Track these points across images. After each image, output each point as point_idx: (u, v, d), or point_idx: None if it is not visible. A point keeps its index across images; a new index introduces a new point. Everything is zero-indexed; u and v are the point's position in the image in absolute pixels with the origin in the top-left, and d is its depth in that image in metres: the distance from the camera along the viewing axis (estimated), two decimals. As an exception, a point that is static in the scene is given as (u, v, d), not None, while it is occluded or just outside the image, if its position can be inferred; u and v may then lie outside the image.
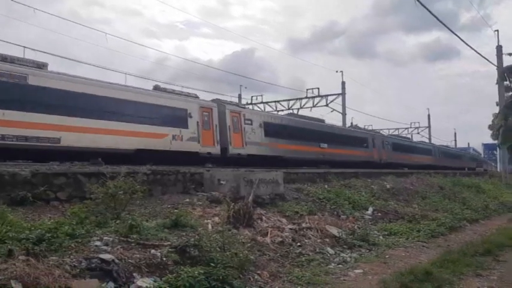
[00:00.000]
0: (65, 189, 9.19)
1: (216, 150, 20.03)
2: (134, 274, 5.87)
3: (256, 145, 22.66)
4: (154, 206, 9.72)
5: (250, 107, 35.78)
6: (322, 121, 32.24)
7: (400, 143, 43.32)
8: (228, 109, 21.53)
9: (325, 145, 28.29)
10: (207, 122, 19.95)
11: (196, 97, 21.07)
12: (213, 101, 22.20)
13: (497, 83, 36.64)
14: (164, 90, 19.81)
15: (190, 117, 19.11)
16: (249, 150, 21.96)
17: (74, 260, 5.64)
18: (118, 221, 7.45)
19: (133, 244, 6.63)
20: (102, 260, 5.73)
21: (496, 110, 41.28)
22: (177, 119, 18.71)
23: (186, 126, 18.87)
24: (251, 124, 22.63)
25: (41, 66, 15.34)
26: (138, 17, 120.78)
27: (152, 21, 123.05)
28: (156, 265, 6.23)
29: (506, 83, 40.31)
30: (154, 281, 5.78)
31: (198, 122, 19.36)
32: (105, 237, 6.68)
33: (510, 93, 44.82)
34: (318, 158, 27.11)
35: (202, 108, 19.95)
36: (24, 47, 18.16)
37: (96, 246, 6.30)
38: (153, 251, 6.57)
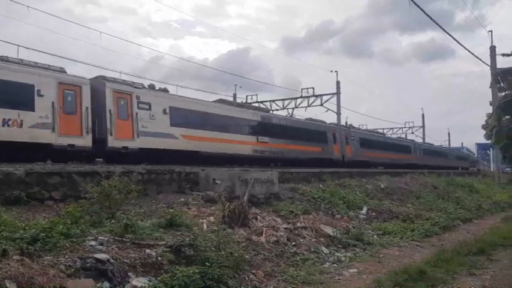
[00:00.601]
0: (59, 188, 9.15)
1: (84, 141, 15.34)
2: (129, 274, 5.87)
3: (155, 136, 17.59)
4: (149, 206, 9.70)
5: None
6: (267, 111, 29.86)
7: (370, 138, 38.37)
8: (109, 87, 16.57)
9: (266, 139, 24.17)
10: (70, 104, 15.27)
11: (61, 71, 15.95)
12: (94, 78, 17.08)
13: (490, 86, 36.88)
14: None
15: (40, 95, 14.48)
16: (142, 143, 17.06)
17: (69, 259, 5.63)
18: (113, 221, 7.45)
19: (128, 244, 6.63)
20: (97, 260, 5.73)
21: (490, 110, 41.54)
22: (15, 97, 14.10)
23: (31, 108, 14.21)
24: (149, 109, 17.65)
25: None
26: (133, 15, 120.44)
27: (147, 20, 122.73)
28: (151, 265, 6.24)
29: (501, 84, 40.65)
30: (149, 281, 5.79)
31: (53, 103, 14.67)
32: (100, 237, 6.68)
33: (503, 94, 45.23)
34: (254, 154, 23.13)
35: (63, 85, 15.15)
36: (18, 45, 17.89)
37: (91, 245, 6.29)
38: (148, 250, 6.57)
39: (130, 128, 16.84)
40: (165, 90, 20.53)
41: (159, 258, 6.40)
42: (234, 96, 41.32)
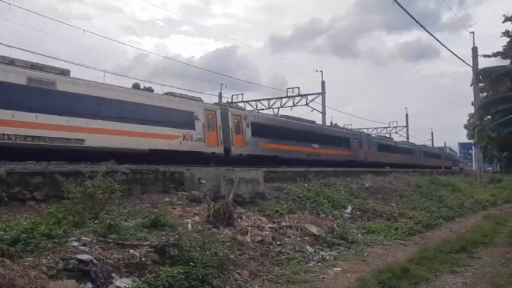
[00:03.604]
0: (41, 188, 9.01)
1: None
2: (113, 274, 5.81)
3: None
4: (134, 206, 9.62)
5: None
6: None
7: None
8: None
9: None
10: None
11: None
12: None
13: (471, 84, 37.51)
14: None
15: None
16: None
17: (51, 260, 5.55)
18: (96, 221, 7.36)
19: (111, 244, 6.56)
20: (80, 261, 5.65)
21: (472, 110, 42.32)
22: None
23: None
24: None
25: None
26: (119, 13, 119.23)
27: (133, 19, 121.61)
28: (135, 265, 6.18)
29: (482, 84, 41.40)
30: (133, 281, 5.74)
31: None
32: (83, 238, 6.60)
33: (485, 94, 46.05)
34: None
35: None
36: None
37: (73, 246, 6.21)
38: (132, 251, 6.52)
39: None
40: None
41: (143, 259, 6.35)
42: (220, 95, 41.29)
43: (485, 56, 44.49)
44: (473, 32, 37.08)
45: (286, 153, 26.06)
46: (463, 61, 35.75)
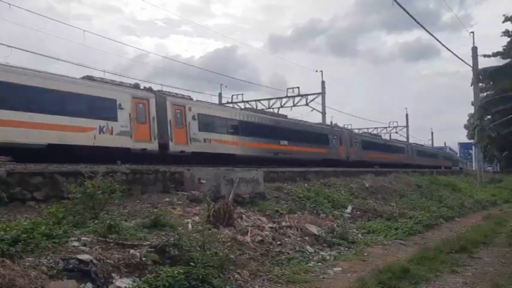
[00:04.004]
0: (41, 188, 9.02)
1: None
2: (113, 274, 5.81)
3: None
4: (134, 206, 9.63)
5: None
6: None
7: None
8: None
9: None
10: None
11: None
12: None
13: (471, 84, 37.49)
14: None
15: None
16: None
17: (51, 260, 5.56)
18: (96, 221, 7.36)
19: (112, 244, 6.56)
20: (80, 261, 5.66)
21: (472, 110, 42.32)
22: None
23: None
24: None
25: None
26: (118, 14, 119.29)
27: (132, 19, 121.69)
28: (135, 265, 6.19)
29: (482, 84, 41.41)
30: (134, 281, 5.75)
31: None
32: (83, 238, 6.61)
33: (485, 94, 46.05)
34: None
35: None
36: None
37: (74, 246, 6.22)
38: (132, 251, 6.52)
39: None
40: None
41: (143, 259, 6.35)
42: (220, 95, 41.26)
43: (485, 56, 44.41)
44: (473, 32, 37.14)
45: (245, 151, 23.10)
46: (463, 61, 35.81)
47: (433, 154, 61.61)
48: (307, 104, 39.67)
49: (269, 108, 39.16)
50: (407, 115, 66.11)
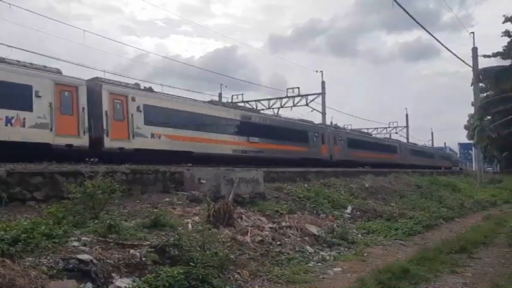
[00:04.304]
0: (41, 188, 9.03)
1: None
2: (113, 274, 5.82)
3: None
4: (134, 206, 9.63)
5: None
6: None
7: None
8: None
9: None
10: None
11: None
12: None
13: (472, 84, 37.51)
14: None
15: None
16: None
17: (51, 260, 5.56)
18: (96, 221, 7.37)
19: (112, 244, 6.57)
20: (80, 261, 5.66)
21: (472, 110, 42.32)
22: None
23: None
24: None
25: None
26: (118, 14, 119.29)
27: (132, 19, 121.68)
28: (135, 265, 6.19)
29: (482, 84, 41.40)
30: (133, 281, 5.75)
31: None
32: (83, 238, 6.62)
33: (485, 94, 46.06)
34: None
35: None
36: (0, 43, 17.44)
37: (74, 246, 6.22)
38: (132, 251, 6.52)
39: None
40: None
41: (143, 259, 6.35)
42: (220, 95, 41.23)
43: (485, 56, 44.44)
44: (473, 33, 37.19)
45: (205, 148, 20.49)
46: (463, 61, 35.82)
47: (430, 154, 59.65)
48: (307, 104, 39.64)
49: (269, 108, 39.15)
50: (407, 115, 66.08)
